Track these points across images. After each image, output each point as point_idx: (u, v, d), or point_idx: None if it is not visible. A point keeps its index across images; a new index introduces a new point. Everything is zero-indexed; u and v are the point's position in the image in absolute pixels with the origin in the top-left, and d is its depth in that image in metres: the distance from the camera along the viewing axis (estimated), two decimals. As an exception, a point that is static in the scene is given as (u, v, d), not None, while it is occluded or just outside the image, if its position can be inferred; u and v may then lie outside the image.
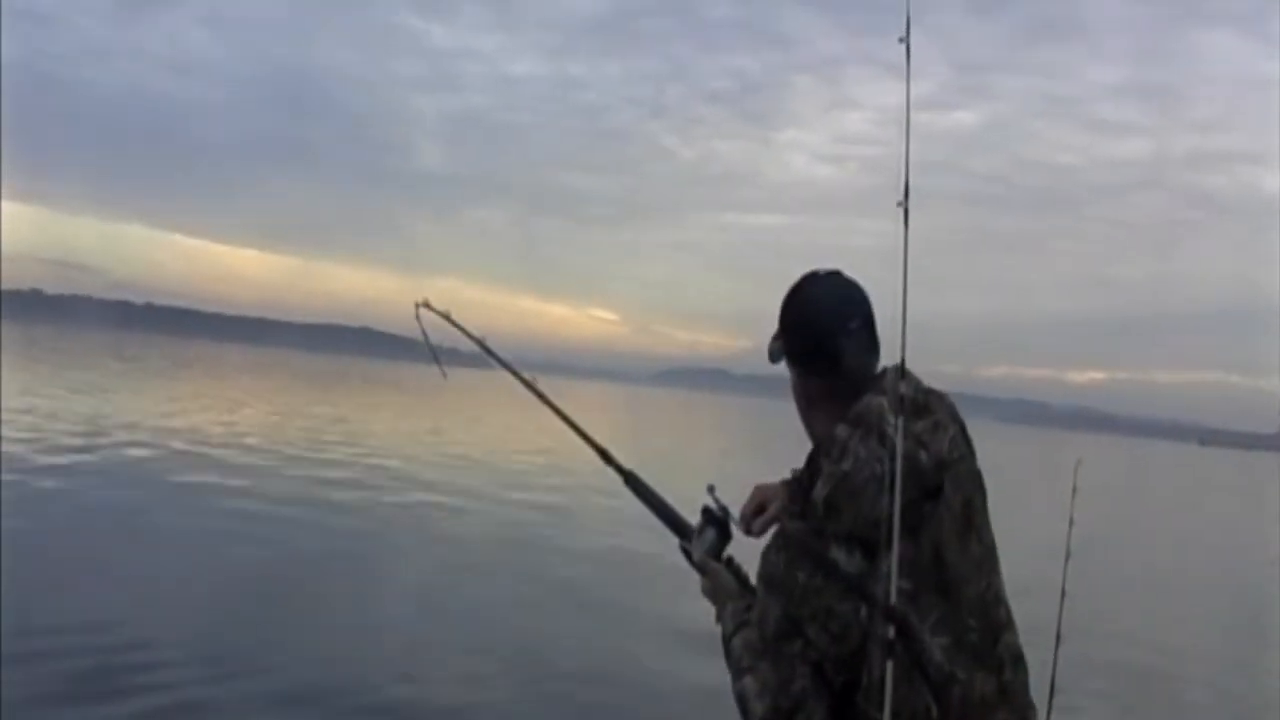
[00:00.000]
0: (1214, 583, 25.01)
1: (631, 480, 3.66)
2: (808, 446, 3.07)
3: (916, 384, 2.93)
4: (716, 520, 3.33)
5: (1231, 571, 27.24)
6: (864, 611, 2.71)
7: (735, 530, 3.30)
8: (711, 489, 3.39)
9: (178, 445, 28.64)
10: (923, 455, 2.82)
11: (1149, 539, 32.57)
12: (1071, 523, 4.70)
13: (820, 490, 2.80)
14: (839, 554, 2.75)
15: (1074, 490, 4.88)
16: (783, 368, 3.08)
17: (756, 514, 3.23)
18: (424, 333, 4.37)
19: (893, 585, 2.65)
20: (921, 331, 2.81)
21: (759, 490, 3.29)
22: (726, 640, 3.03)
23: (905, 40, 2.87)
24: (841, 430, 2.86)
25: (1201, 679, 14.63)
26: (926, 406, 2.93)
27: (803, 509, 2.87)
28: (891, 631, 2.64)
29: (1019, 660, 2.91)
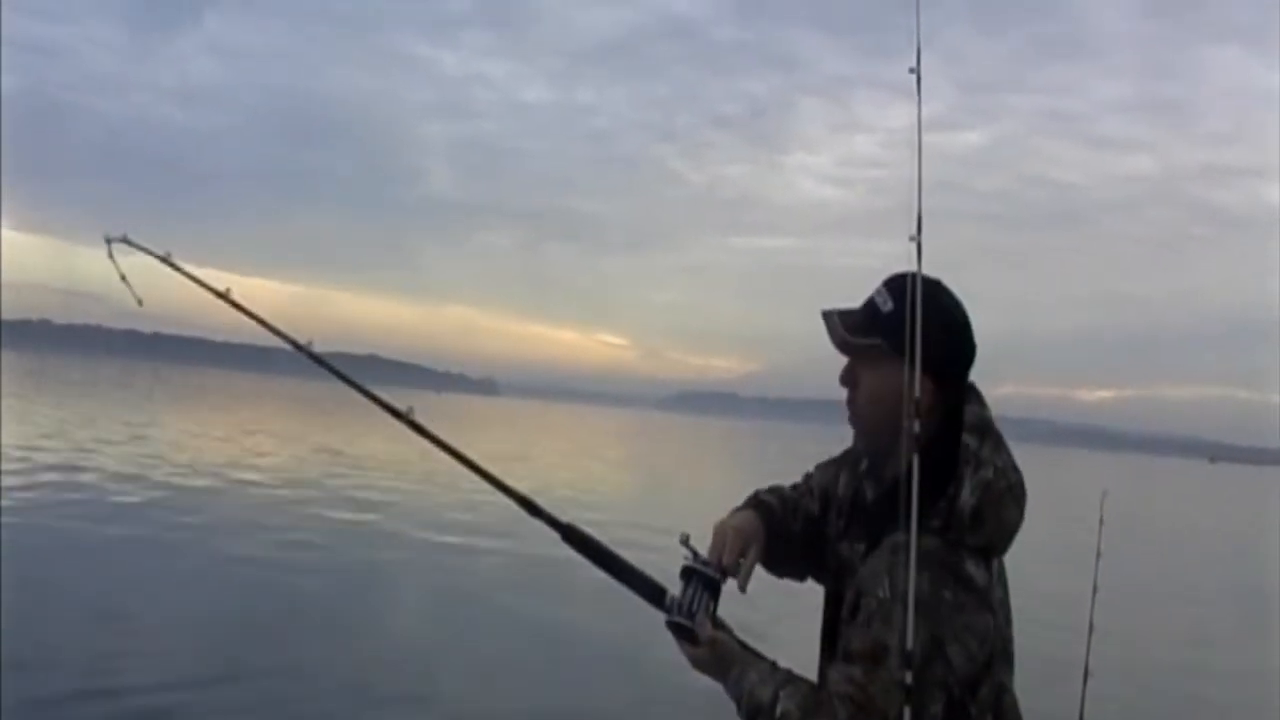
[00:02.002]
0: (1243, 609, 24.66)
1: (572, 535, 3.06)
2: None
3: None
4: (705, 579, 2.88)
5: (1261, 595, 26.96)
6: (991, 622, 2.68)
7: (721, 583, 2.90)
8: (686, 539, 2.92)
9: (167, 473, 28.66)
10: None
11: (1173, 564, 32.40)
12: (1099, 555, 4.54)
13: (968, 499, 2.71)
14: (972, 568, 2.69)
15: (1100, 522, 4.70)
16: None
17: (731, 556, 2.96)
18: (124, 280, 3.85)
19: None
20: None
21: (734, 532, 3.02)
22: (765, 708, 2.69)
23: (915, 70, 2.81)
24: (970, 439, 2.77)
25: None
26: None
27: (946, 521, 2.70)
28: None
29: None
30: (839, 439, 3.04)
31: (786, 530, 3.14)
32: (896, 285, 2.81)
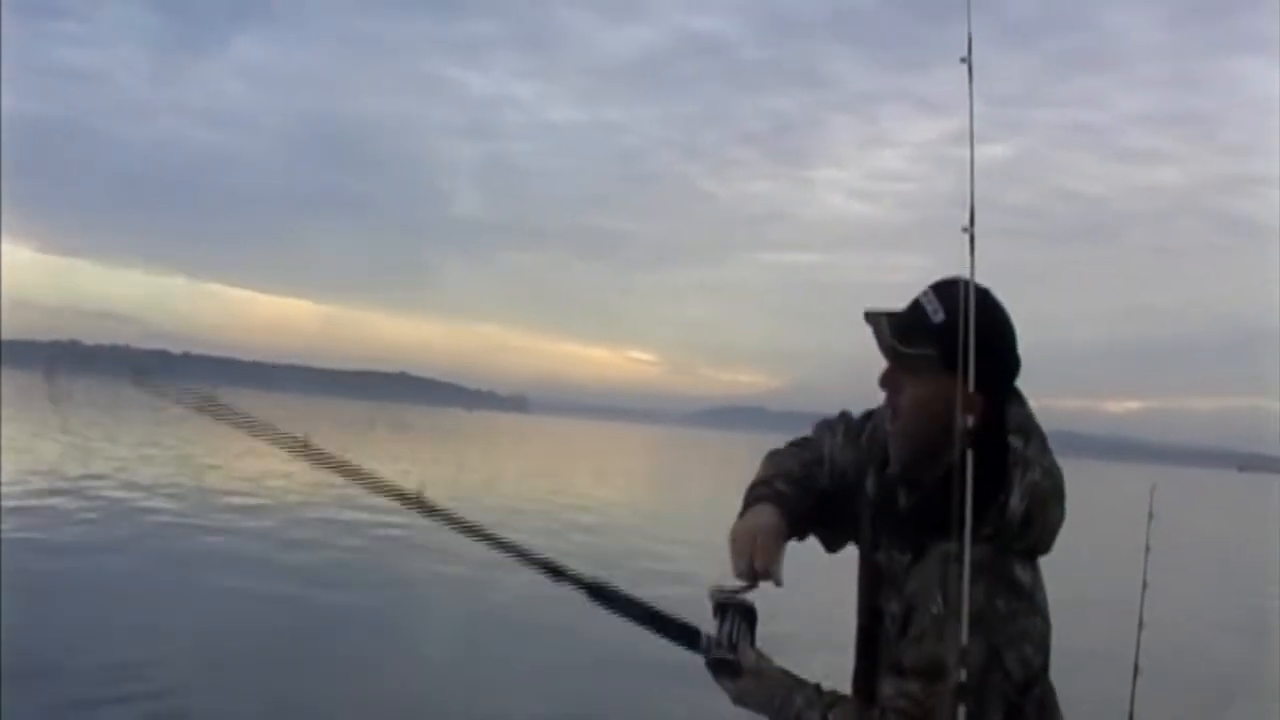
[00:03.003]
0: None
1: (599, 593, 2.89)
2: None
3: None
4: (741, 608, 2.83)
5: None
6: (1041, 625, 2.66)
7: (756, 592, 2.84)
8: (716, 590, 2.86)
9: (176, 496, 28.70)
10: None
11: (1219, 568, 32.19)
12: (1147, 549, 4.58)
13: (1017, 504, 2.65)
14: (1020, 572, 2.66)
15: (1150, 516, 4.72)
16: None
17: (766, 557, 2.86)
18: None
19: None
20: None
21: (760, 535, 2.91)
22: None
23: (967, 59, 2.77)
24: (1016, 441, 2.72)
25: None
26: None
27: (996, 527, 2.63)
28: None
29: None
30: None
31: (802, 514, 3.06)
32: (947, 293, 2.77)
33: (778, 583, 2.85)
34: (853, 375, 2.97)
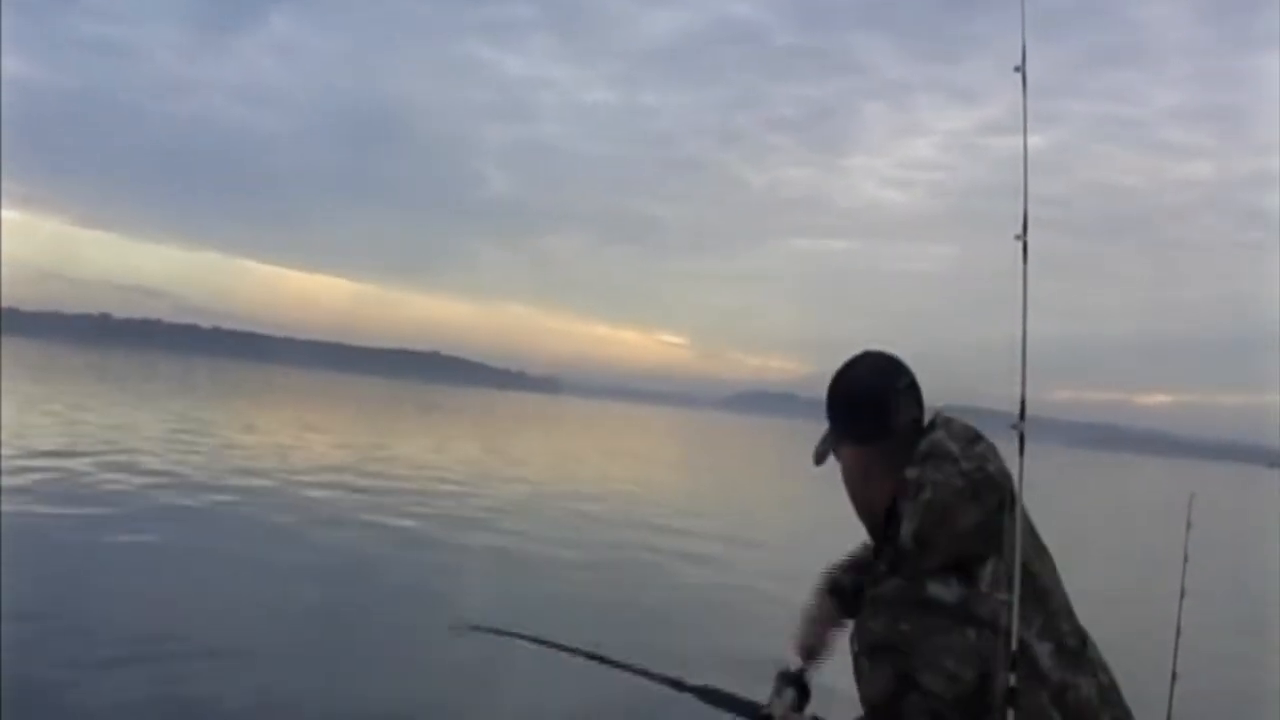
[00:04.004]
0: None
1: (706, 695, 3.53)
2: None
3: (965, 423, 2.98)
4: (793, 679, 3.32)
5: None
6: (973, 635, 2.68)
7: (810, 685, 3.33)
8: (782, 669, 3.38)
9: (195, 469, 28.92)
10: (990, 467, 2.85)
11: (1247, 569, 32.01)
12: (1186, 558, 4.61)
13: (907, 527, 2.80)
14: (936, 588, 2.73)
15: (1188, 525, 4.76)
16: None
17: (808, 640, 3.40)
18: None
19: (1012, 637, 2.61)
20: (985, 356, 2.81)
21: (802, 618, 3.43)
22: None
23: (1021, 69, 2.87)
24: (911, 471, 2.87)
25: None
26: (980, 436, 2.94)
27: (892, 561, 2.85)
28: (1013, 679, 2.61)
29: (1105, 664, 2.93)
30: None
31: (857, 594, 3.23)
32: (830, 383, 3.22)
33: (817, 660, 3.35)
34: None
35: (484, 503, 27.39)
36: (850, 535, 3.42)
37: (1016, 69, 2.85)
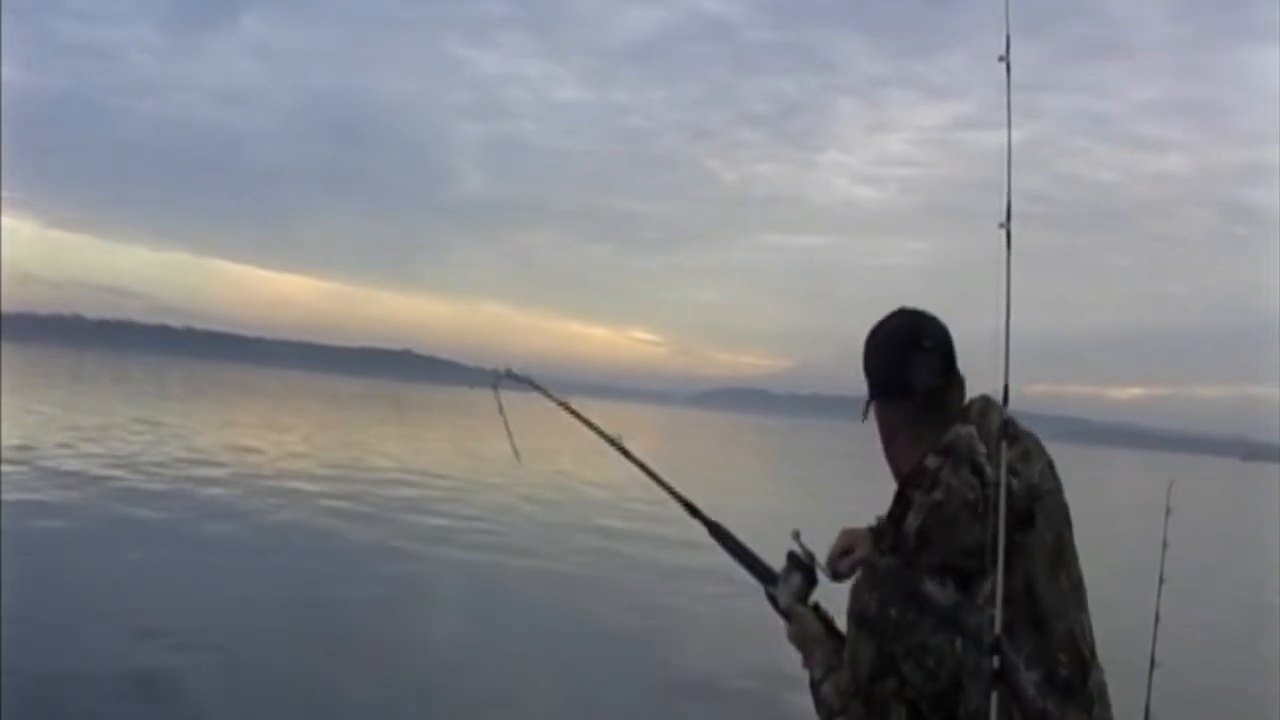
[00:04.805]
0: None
1: (717, 531, 3.55)
2: (839, 469, 3.05)
3: (1003, 413, 2.89)
4: (801, 565, 3.27)
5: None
6: (959, 644, 2.66)
7: (821, 575, 3.25)
8: (797, 534, 3.29)
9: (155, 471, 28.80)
10: (1014, 482, 2.76)
11: (1224, 559, 32.15)
12: (1165, 545, 4.61)
13: (912, 522, 2.77)
14: (932, 587, 2.70)
15: (1167, 512, 4.74)
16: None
17: (842, 556, 3.18)
18: (502, 412, 4.37)
19: (998, 618, 2.61)
20: (962, 351, 2.82)
21: (846, 534, 3.23)
22: (815, 686, 3.01)
23: (1005, 59, 2.88)
24: (931, 460, 2.82)
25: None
26: (1015, 436, 2.86)
27: (894, 543, 2.83)
28: (996, 662, 2.59)
29: (1105, 698, 2.86)
30: (868, 435, 3.11)
31: None
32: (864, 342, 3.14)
33: (832, 577, 3.19)
34: (857, 358, 3.07)
35: (450, 504, 27.43)
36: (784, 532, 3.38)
37: (1001, 59, 2.84)
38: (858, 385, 3.11)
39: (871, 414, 3.13)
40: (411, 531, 21.99)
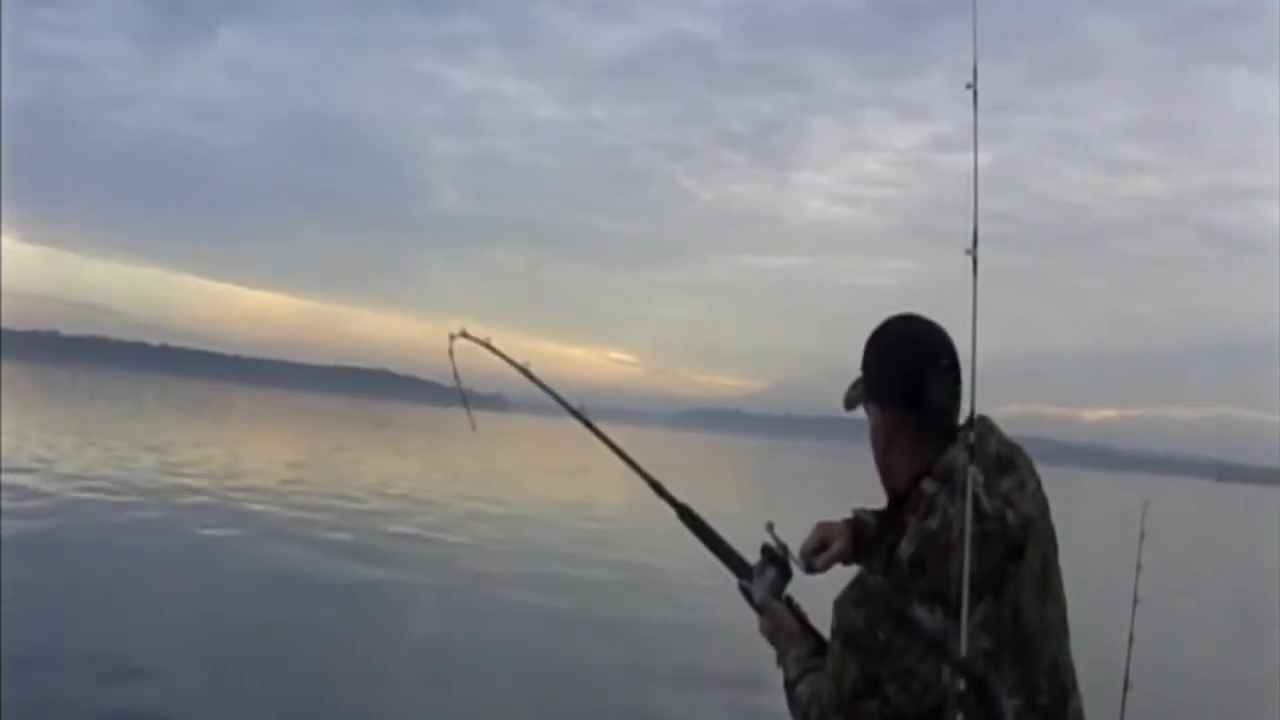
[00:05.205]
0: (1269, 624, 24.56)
1: (686, 515, 3.51)
2: (814, 489, 3.05)
3: (1001, 437, 2.91)
4: (776, 559, 3.24)
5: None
6: (946, 672, 2.65)
7: (795, 569, 3.23)
8: (770, 526, 3.27)
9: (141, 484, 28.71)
10: (1010, 515, 2.78)
11: (1197, 581, 32.25)
12: (1139, 567, 4.60)
13: (906, 548, 2.76)
14: (921, 612, 2.69)
15: (1141, 534, 4.77)
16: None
17: (818, 550, 3.21)
18: (455, 372, 4.25)
19: (963, 636, 2.61)
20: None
21: (821, 527, 3.26)
22: (790, 685, 3.02)
23: (973, 85, 2.88)
24: (928, 485, 2.81)
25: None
26: (1011, 462, 2.87)
27: (885, 564, 2.81)
28: (962, 684, 2.60)
29: None
30: (843, 456, 3.13)
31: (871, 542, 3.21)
32: (870, 337, 3.11)
33: (806, 570, 3.22)
34: (833, 379, 3.07)
35: (425, 519, 27.39)
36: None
37: (968, 86, 2.85)
38: (832, 407, 3.11)
39: (859, 411, 3.11)
40: (396, 553, 21.94)
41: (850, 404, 3.11)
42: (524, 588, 19.18)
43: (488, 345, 4.14)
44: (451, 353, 4.14)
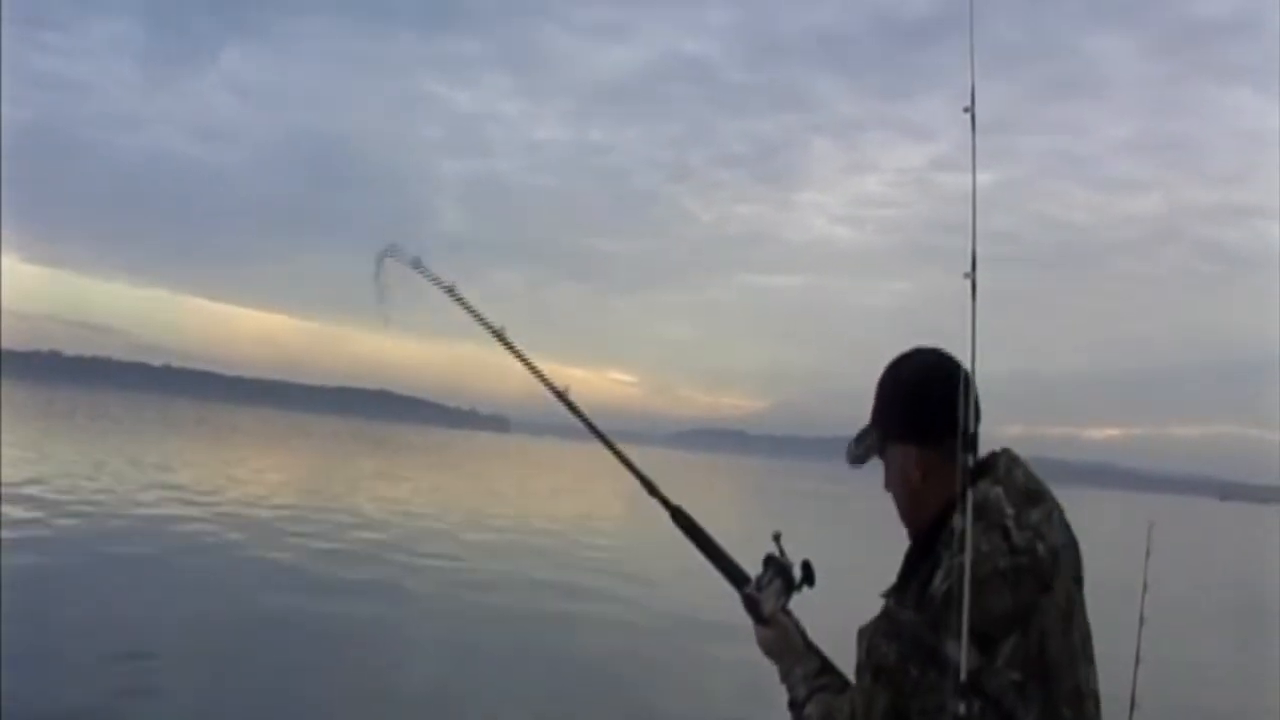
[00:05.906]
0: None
1: (679, 516, 3.42)
2: (814, 510, 3.02)
3: (1026, 469, 2.88)
4: (783, 570, 3.19)
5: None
6: (976, 708, 2.60)
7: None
8: (778, 537, 3.23)
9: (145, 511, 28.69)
10: (1040, 548, 2.75)
11: (1213, 600, 32.21)
12: (1145, 587, 4.62)
13: (940, 584, 2.70)
14: (954, 649, 2.60)
15: (1147, 554, 4.72)
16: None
17: None
18: (381, 292, 4.01)
19: (963, 662, 2.53)
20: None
21: None
22: (798, 705, 3.02)
23: (970, 110, 2.83)
24: (958, 521, 2.70)
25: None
26: (1039, 493, 2.85)
27: (917, 601, 2.75)
28: (963, 708, 2.54)
29: None
30: (845, 477, 3.11)
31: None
32: (881, 376, 3.07)
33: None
34: (835, 399, 3.04)
35: (422, 539, 27.41)
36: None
37: (966, 110, 2.82)
38: (835, 427, 3.10)
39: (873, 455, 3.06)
40: (396, 570, 21.94)
41: (860, 459, 3.08)
42: (521, 602, 19.17)
43: (416, 265, 3.96)
44: (377, 275, 3.96)
